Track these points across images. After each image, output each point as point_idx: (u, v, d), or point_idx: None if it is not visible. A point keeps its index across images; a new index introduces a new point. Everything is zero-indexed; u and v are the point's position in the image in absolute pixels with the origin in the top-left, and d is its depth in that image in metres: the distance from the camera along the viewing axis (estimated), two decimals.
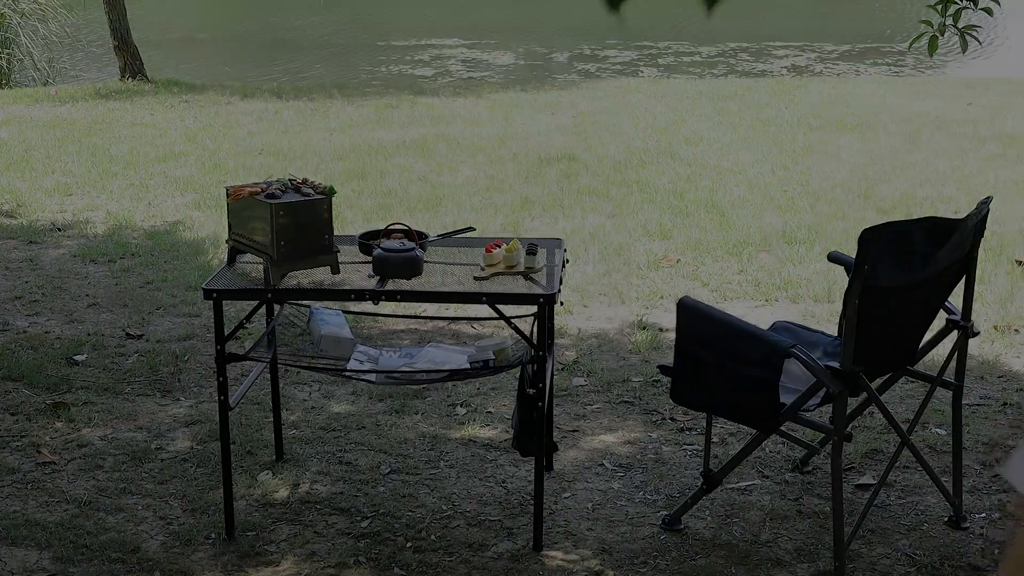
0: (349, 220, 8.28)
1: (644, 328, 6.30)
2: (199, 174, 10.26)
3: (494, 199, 9.23)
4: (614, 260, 7.53)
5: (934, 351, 4.46)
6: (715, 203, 9.03)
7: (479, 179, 9.99)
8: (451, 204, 9.05)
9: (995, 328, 6.15)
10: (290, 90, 15.73)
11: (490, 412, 5.25)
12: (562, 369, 5.67)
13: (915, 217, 8.21)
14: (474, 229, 4.61)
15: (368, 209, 8.83)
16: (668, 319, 6.21)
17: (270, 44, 25.67)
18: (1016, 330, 6.17)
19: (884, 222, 3.77)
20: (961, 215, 8.52)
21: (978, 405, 5.26)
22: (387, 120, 13.03)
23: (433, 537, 4.20)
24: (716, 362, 3.87)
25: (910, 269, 3.76)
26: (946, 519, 4.30)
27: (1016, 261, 7.26)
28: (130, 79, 16.15)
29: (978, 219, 3.93)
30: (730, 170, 10.22)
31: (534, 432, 4.07)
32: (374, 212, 8.76)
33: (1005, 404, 5.30)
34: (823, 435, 4.33)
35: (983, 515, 4.35)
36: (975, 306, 4.56)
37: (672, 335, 6.08)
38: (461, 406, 5.30)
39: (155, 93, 15.21)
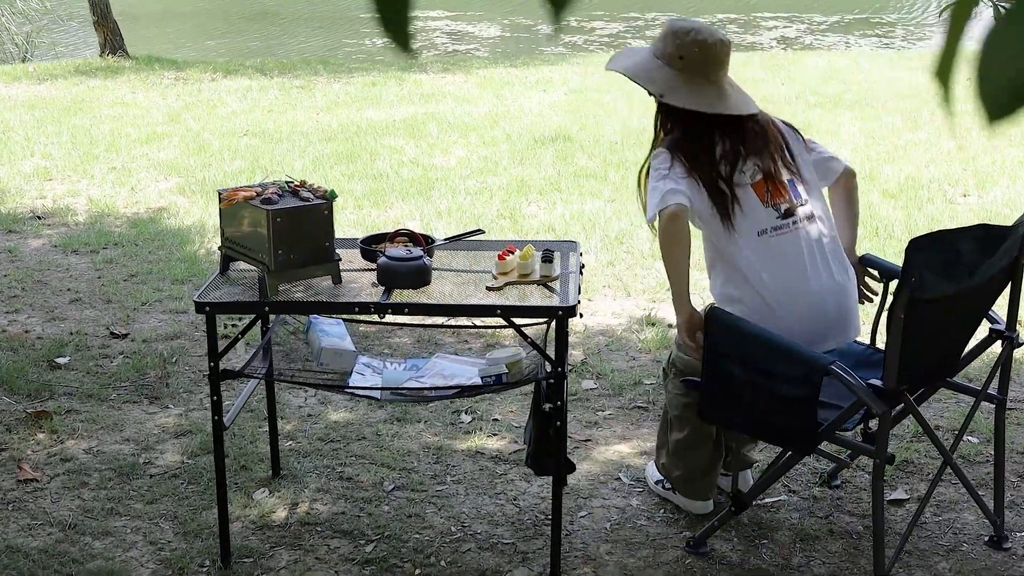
0: (340, 206, 7.98)
1: (653, 324, 6.05)
2: (183, 156, 9.95)
3: (488, 182, 8.95)
4: (616, 249, 7.26)
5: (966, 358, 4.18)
6: None
7: (472, 161, 9.71)
8: (445, 188, 8.77)
9: (1020, 324, 5.88)
10: (274, 66, 15.39)
11: (497, 420, 4.99)
12: (571, 371, 5.40)
13: (923, 201, 8.08)
14: (483, 232, 4.33)
15: (359, 195, 8.55)
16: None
17: (251, 16, 25.28)
18: None
19: (932, 231, 3.51)
20: (970, 197, 8.39)
21: (1009, 410, 4.98)
22: (374, 98, 12.72)
23: (443, 563, 3.94)
24: (749, 379, 3.61)
25: (957, 280, 3.50)
26: (986, 539, 4.06)
27: None
28: (110, 55, 15.80)
29: None
30: None
31: (551, 452, 3.80)
32: (366, 198, 8.47)
33: None
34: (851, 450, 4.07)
35: None
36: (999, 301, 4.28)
37: None
38: (466, 413, 5.04)
39: (136, 70, 14.87)
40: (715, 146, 3.84)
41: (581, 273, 3.94)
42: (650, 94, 3.89)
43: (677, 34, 3.84)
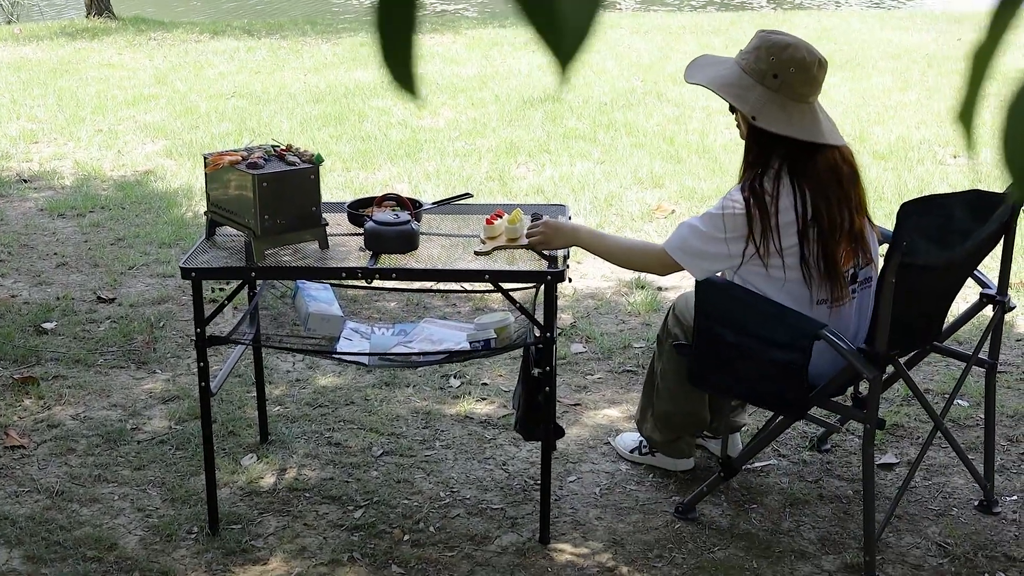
0: (328, 168, 7.93)
1: (642, 287, 6.02)
2: (170, 119, 9.88)
3: (477, 144, 8.90)
4: (606, 211, 7.23)
5: (952, 321, 4.15)
6: (707, 147, 8.73)
7: (461, 122, 9.65)
8: (433, 150, 8.72)
9: (1011, 288, 5.86)
10: (261, 27, 15.29)
11: (485, 384, 4.97)
12: (560, 334, 5.37)
13: (908, 166, 8.05)
14: (471, 195, 4.29)
15: (347, 156, 8.50)
16: (666, 277, 5.92)
17: None
18: None
19: (924, 195, 3.48)
20: (961, 159, 8.35)
21: (999, 373, 4.97)
22: (363, 59, 12.64)
23: (432, 529, 3.92)
24: (740, 344, 3.58)
25: (951, 247, 3.48)
26: (976, 503, 4.05)
27: None
28: (96, 17, 15.68)
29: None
30: (720, 111, 9.87)
31: (540, 418, 3.78)
32: (353, 159, 8.42)
33: None
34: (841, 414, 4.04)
35: (1014, 498, 4.09)
36: (989, 262, 4.25)
37: (672, 295, 5.83)
38: (455, 377, 5.01)
39: (122, 31, 14.75)
40: (804, 199, 3.49)
41: None
42: (731, 110, 3.66)
43: (772, 49, 3.54)
